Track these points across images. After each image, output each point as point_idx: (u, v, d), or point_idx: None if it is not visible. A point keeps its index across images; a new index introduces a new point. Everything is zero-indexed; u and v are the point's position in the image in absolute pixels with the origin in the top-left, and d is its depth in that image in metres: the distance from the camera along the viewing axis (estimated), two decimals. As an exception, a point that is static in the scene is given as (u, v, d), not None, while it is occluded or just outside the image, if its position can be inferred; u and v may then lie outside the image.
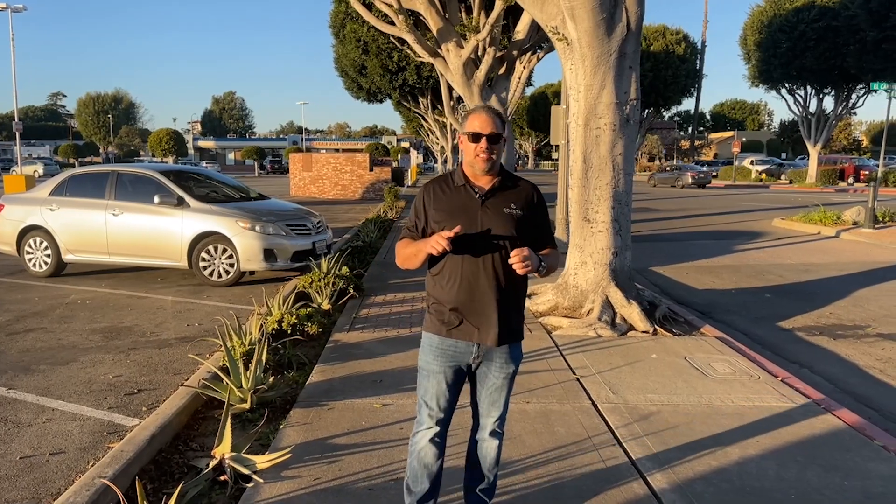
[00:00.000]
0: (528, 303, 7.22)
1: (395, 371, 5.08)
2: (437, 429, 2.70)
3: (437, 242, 2.40)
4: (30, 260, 9.18)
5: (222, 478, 3.42)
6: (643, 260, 11.12)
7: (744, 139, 65.04)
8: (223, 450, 3.51)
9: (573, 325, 6.37)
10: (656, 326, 6.39)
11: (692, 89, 46.97)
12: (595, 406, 4.46)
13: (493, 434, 2.78)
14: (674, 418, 4.27)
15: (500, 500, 3.15)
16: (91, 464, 3.53)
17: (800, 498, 3.28)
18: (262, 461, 3.47)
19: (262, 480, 3.35)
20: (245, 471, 3.41)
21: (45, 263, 9.10)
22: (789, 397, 4.65)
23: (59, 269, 9.15)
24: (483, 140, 2.52)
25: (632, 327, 6.38)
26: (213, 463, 3.49)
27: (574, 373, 5.13)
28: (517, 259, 2.39)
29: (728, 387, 4.85)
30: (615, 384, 4.89)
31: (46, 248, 9.06)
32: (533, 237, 2.64)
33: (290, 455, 3.57)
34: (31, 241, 9.14)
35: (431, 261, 2.63)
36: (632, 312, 6.42)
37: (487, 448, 2.80)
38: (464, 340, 2.60)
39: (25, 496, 3.26)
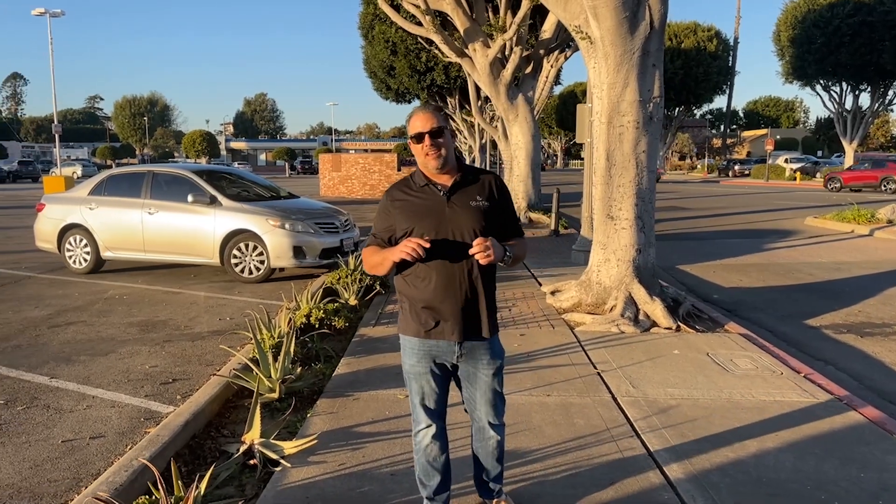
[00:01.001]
0: (551, 299, 7.30)
1: (419, 364, 5.20)
2: (434, 426, 2.74)
3: (411, 248, 2.37)
4: (70, 257, 9.53)
5: (252, 462, 3.57)
6: (670, 258, 11.09)
7: (778, 137, 63.86)
8: (253, 436, 3.67)
9: (596, 321, 6.42)
10: (679, 323, 6.41)
11: (724, 86, 46.41)
12: (615, 399, 4.53)
13: (493, 427, 2.81)
14: (693, 412, 4.32)
15: (518, 486, 3.25)
16: (129, 447, 3.72)
17: (815, 489, 3.32)
18: (289, 447, 3.62)
19: (289, 465, 3.50)
20: (273, 456, 3.56)
21: (85, 260, 9.44)
22: (811, 393, 4.66)
23: (98, 265, 9.48)
24: (426, 138, 2.51)
25: (655, 324, 6.41)
26: (243, 448, 3.64)
27: (595, 367, 5.20)
28: (479, 248, 2.38)
29: (749, 382, 4.88)
30: (636, 378, 4.95)
31: (86, 245, 9.40)
32: (500, 228, 2.64)
33: (316, 441, 3.72)
34: (71, 239, 9.48)
35: (400, 265, 2.59)
36: (655, 309, 6.45)
37: (491, 441, 2.83)
38: (444, 340, 2.60)
39: (67, 476, 3.46)
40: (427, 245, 2.40)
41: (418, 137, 2.52)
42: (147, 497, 2.87)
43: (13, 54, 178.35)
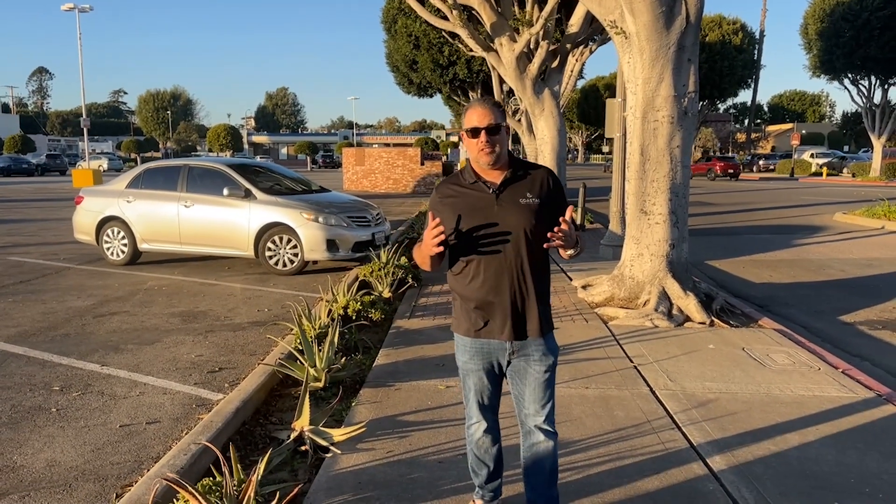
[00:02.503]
0: (583, 293, 7.35)
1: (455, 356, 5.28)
2: (487, 421, 2.76)
3: (429, 236, 2.37)
4: (107, 249, 9.74)
5: (303, 448, 3.68)
6: (699, 254, 11.05)
7: (803, 131, 62.99)
8: (302, 423, 3.78)
9: (629, 315, 6.46)
10: (713, 318, 6.43)
11: (749, 80, 45.82)
12: (653, 392, 4.58)
13: (545, 434, 2.65)
14: (732, 406, 4.36)
15: (562, 475, 3.31)
16: (185, 432, 3.85)
17: (859, 482, 3.35)
18: (338, 434, 3.72)
19: (339, 451, 3.60)
20: (323, 442, 3.67)
21: (122, 252, 9.64)
22: (850, 388, 4.67)
23: (135, 257, 9.68)
24: (482, 133, 2.45)
25: (688, 318, 6.43)
26: (294, 435, 3.75)
27: (631, 361, 5.24)
28: (562, 229, 2.34)
29: (787, 377, 4.90)
30: (672, 372, 4.99)
31: (123, 237, 9.60)
32: (553, 223, 2.49)
33: (364, 429, 3.81)
34: (108, 231, 9.69)
35: (452, 260, 2.59)
36: (688, 304, 6.47)
37: (543, 450, 2.65)
38: (495, 339, 2.58)
39: (128, 459, 3.59)
40: (441, 231, 2.36)
41: (474, 132, 2.46)
42: (210, 479, 2.98)
43: (38, 48, 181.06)
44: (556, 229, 2.35)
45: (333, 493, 3.20)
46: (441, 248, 2.39)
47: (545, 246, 2.42)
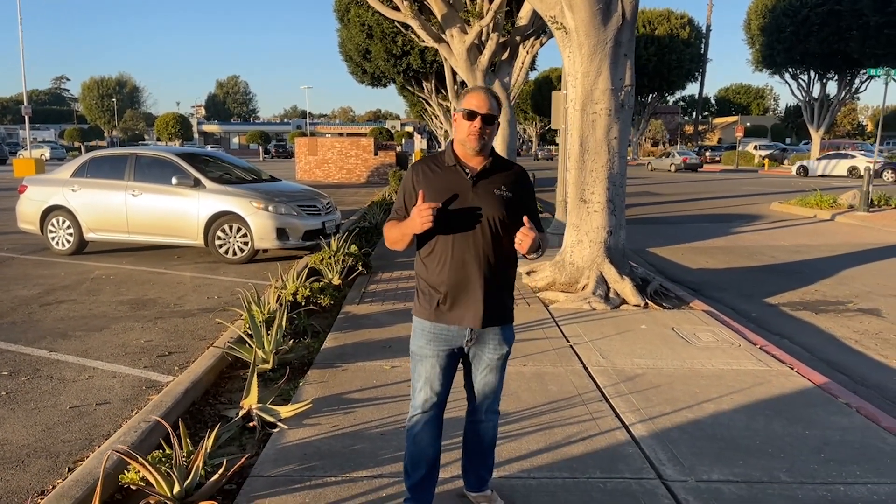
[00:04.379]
0: (527, 279, 7.64)
1: (402, 338, 5.49)
2: (432, 412, 2.71)
3: (420, 215, 2.39)
4: (52, 238, 9.62)
5: (251, 424, 3.85)
6: (641, 241, 11.51)
7: (748, 124, 65.02)
8: (251, 401, 3.95)
9: (569, 298, 6.77)
10: (647, 301, 6.79)
11: (696, 73, 47.07)
12: (586, 369, 4.88)
13: (489, 414, 2.81)
14: (657, 379, 4.69)
15: (498, 444, 3.50)
16: (134, 412, 3.97)
17: (763, 443, 3.70)
18: (285, 411, 3.91)
19: (286, 427, 3.78)
20: (271, 419, 3.85)
21: (68, 242, 9.54)
22: (765, 362, 5.06)
23: (81, 247, 9.59)
24: (478, 119, 2.49)
25: (624, 301, 6.78)
26: (242, 412, 3.92)
27: (568, 341, 5.54)
28: (524, 231, 2.42)
29: (710, 353, 5.26)
30: (605, 350, 5.31)
31: (69, 227, 9.49)
32: (521, 221, 2.56)
33: (310, 406, 4.01)
34: (53, 221, 9.57)
35: (420, 242, 2.61)
36: (624, 287, 6.82)
37: (485, 428, 2.83)
38: (455, 325, 2.59)
39: (79, 437, 3.70)
40: (438, 206, 2.41)
41: (471, 115, 2.49)
42: (160, 451, 3.14)
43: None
44: (519, 237, 2.44)
45: (280, 463, 3.39)
46: (431, 225, 2.40)
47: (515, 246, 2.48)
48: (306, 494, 3.09)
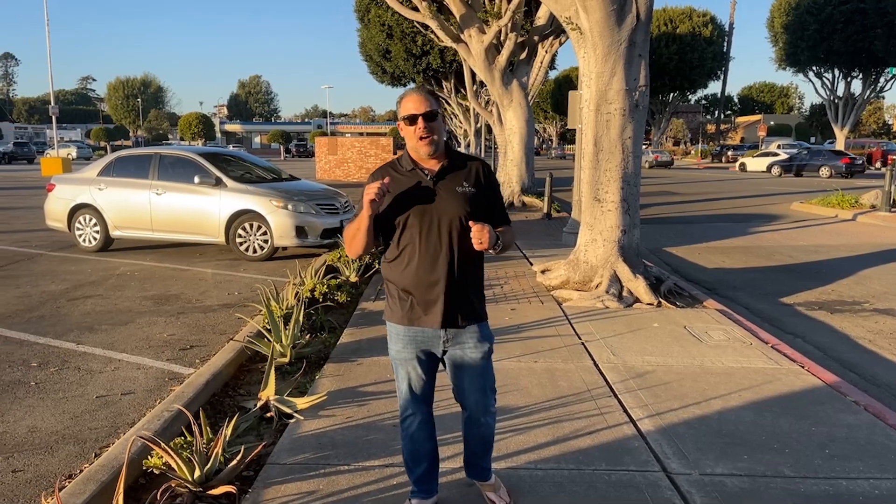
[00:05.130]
0: (541, 277, 7.72)
1: (417, 334, 5.61)
2: (421, 413, 2.75)
3: (366, 191, 2.37)
4: (80, 236, 9.89)
5: (268, 415, 3.99)
6: (657, 241, 11.52)
7: (771, 123, 64.36)
8: (268, 393, 4.09)
9: (582, 297, 6.84)
10: (661, 299, 6.84)
11: (719, 72, 46.65)
12: (596, 365, 4.95)
13: (485, 414, 2.79)
14: (667, 376, 4.75)
15: (506, 436, 3.67)
16: (158, 402, 4.13)
17: (769, 439, 3.75)
18: (302, 402, 4.04)
19: (302, 418, 3.91)
20: (287, 410, 3.98)
21: (94, 239, 9.81)
22: (776, 361, 5.09)
23: (107, 244, 9.85)
24: (420, 120, 2.47)
25: (638, 300, 6.84)
26: (260, 403, 4.06)
27: (580, 338, 5.62)
28: (476, 231, 2.40)
29: (721, 351, 5.31)
30: (616, 348, 5.38)
31: (95, 224, 9.76)
32: (487, 215, 2.60)
33: (326, 398, 4.14)
34: (80, 219, 9.84)
35: (386, 245, 2.61)
36: (638, 286, 6.87)
37: (484, 432, 2.83)
38: (428, 327, 2.58)
39: (105, 425, 3.87)
40: (387, 187, 2.41)
41: (411, 119, 2.49)
42: (182, 438, 3.28)
43: (3, 33, 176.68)
44: (474, 236, 2.42)
45: (295, 452, 3.52)
46: (375, 198, 2.37)
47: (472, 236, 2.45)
48: (320, 481, 3.21)
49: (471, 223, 2.44)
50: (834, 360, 5.50)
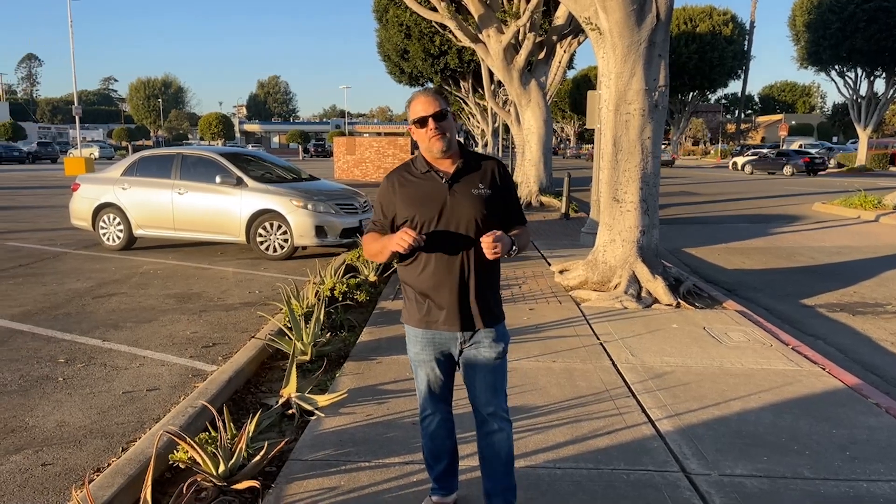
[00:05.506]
0: (559, 277, 7.72)
1: (435, 333, 5.66)
2: (440, 412, 2.75)
3: (402, 240, 2.34)
4: (103, 234, 10.06)
5: (290, 412, 4.05)
6: (677, 241, 11.47)
7: (793, 122, 63.63)
8: (290, 390, 4.15)
9: (601, 297, 6.84)
10: (680, 300, 6.82)
11: (739, 71, 46.22)
12: (615, 365, 4.96)
13: (499, 422, 2.66)
14: (685, 377, 4.75)
15: (525, 435, 3.69)
16: (182, 398, 4.21)
17: (789, 441, 3.75)
18: (323, 400, 4.10)
19: (323, 415, 3.97)
20: (309, 407, 4.04)
21: (118, 238, 9.97)
22: (796, 362, 5.07)
23: (130, 243, 10.01)
24: (430, 121, 2.46)
25: (656, 300, 6.82)
26: (282, 400, 4.12)
27: (598, 338, 5.63)
28: (487, 244, 2.35)
29: (740, 352, 5.29)
30: (635, 348, 5.38)
31: (119, 223, 9.92)
32: (503, 215, 2.59)
33: (346, 395, 4.19)
34: (104, 218, 10.01)
35: (401, 255, 2.54)
36: (656, 287, 6.86)
37: (498, 440, 2.68)
38: (445, 330, 2.57)
39: (131, 420, 3.96)
40: (422, 241, 2.40)
41: (422, 122, 2.47)
42: (206, 434, 3.35)
43: (26, 34, 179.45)
44: (485, 245, 2.37)
45: (317, 448, 3.58)
46: (405, 250, 2.38)
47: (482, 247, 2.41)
48: (341, 478, 3.26)
49: (482, 238, 2.39)
50: (855, 363, 5.46)
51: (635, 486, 3.23)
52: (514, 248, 2.48)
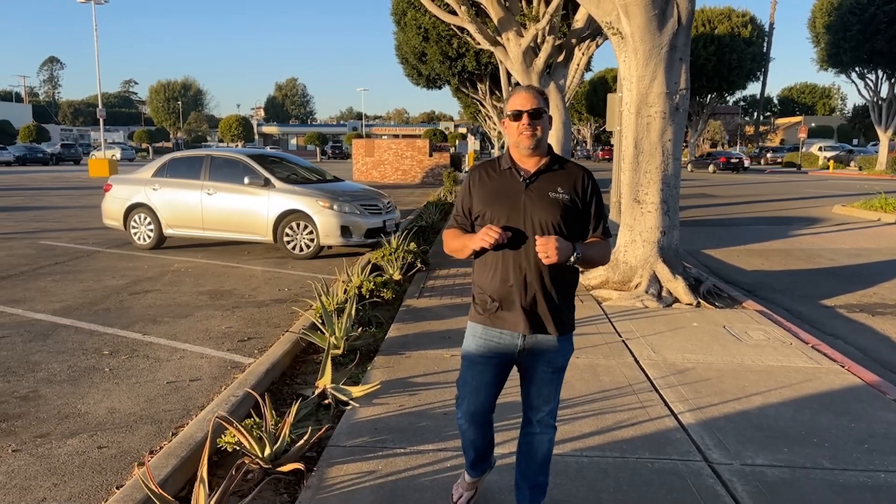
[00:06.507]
0: (581, 277, 7.84)
1: (460, 330, 5.79)
2: (478, 419, 2.68)
3: (488, 235, 2.34)
4: (134, 234, 10.35)
5: (326, 402, 4.24)
6: (696, 243, 11.54)
7: (812, 124, 63.07)
8: (325, 381, 4.34)
9: (622, 297, 6.98)
10: (700, 300, 6.93)
11: (758, 73, 45.91)
12: (637, 362, 5.10)
13: (544, 427, 2.68)
14: (707, 373, 4.88)
15: (551, 425, 3.84)
16: (223, 388, 4.42)
17: (809, 434, 3.87)
18: (356, 391, 4.28)
19: (357, 405, 4.15)
20: (343, 397, 4.22)
21: (148, 237, 10.25)
22: (816, 360, 5.18)
23: (160, 242, 10.29)
24: (524, 116, 2.43)
25: (677, 300, 6.94)
26: (317, 391, 4.31)
27: (620, 336, 5.77)
28: (539, 245, 2.33)
29: (760, 350, 5.41)
30: (657, 345, 5.51)
31: (150, 223, 10.20)
32: (581, 224, 2.52)
33: (379, 386, 4.37)
34: (136, 217, 10.30)
35: (479, 251, 2.51)
36: (677, 286, 6.98)
37: (539, 442, 2.69)
38: (508, 330, 2.51)
39: (178, 408, 4.17)
40: (507, 237, 2.37)
41: (516, 115, 2.44)
42: (251, 420, 3.54)
43: (48, 37, 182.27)
44: (538, 239, 2.36)
45: (354, 436, 3.76)
46: (490, 246, 2.38)
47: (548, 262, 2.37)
48: (378, 462, 3.44)
49: (536, 237, 2.37)
50: (874, 361, 5.55)
51: (660, 473, 3.38)
52: (576, 255, 2.39)
